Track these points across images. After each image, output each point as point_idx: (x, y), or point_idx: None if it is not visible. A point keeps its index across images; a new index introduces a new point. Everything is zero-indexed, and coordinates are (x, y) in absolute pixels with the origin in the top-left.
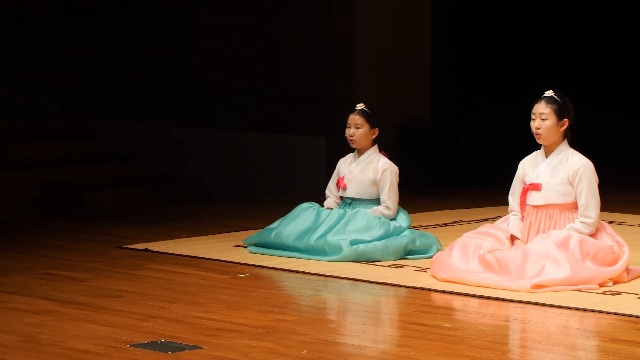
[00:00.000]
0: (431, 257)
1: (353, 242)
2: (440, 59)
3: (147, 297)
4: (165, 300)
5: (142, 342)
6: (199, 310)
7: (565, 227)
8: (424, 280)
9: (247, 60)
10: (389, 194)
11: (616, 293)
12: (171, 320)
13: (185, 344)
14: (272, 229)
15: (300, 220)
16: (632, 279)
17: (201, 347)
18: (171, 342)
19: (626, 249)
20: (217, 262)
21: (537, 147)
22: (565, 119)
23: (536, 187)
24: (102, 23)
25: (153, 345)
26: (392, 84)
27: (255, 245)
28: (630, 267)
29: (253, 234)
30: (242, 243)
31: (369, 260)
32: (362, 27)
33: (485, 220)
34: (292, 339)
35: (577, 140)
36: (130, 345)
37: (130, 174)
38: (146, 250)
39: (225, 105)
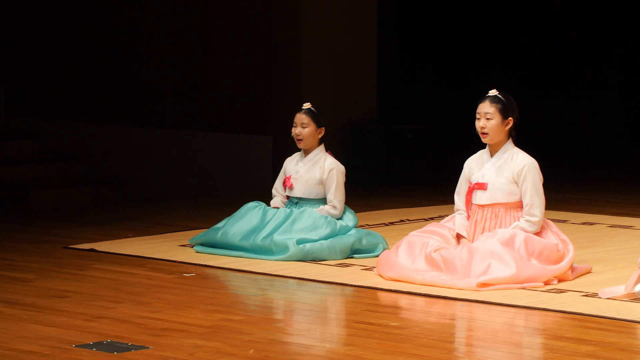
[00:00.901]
0: (377, 256)
1: (299, 242)
2: (387, 58)
3: (93, 298)
4: (111, 301)
5: (88, 342)
6: (145, 310)
7: (510, 225)
8: (370, 279)
9: (193, 59)
10: (336, 194)
11: (561, 291)
12: (117, 320)
13: (131, 344)
14: (219, 229)
15: (246, 219)
16: (577, 277)
17: (147, 347)
18: (117, 342)
19: (571, 247)
20: (164, 261)
21: (482, 146)
22: (510, 118)
23: (482, 186)
24: (45, 21)
25: (99, 346)
26: (339, 83)
27: (202, 244)
28: (575, 265)
29: (199, 234)
30: (188, 243)
31: (315, 259)
32: (308, 25)
33: (432, 219)
34: (238, 339)
35: (523, 138)
36: (76, 346)
37: (76, 174)
38: (92, 250)
39: (172, 104)
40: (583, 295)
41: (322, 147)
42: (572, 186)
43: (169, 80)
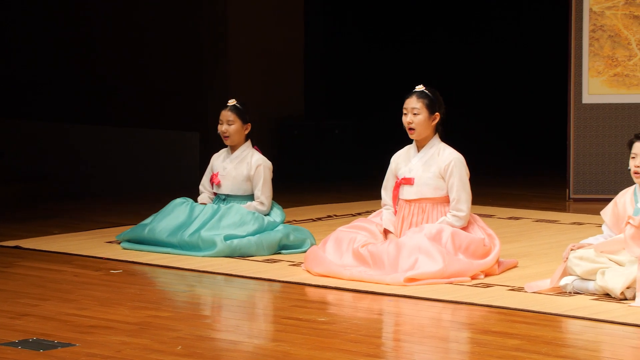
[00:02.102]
0: (305, 251)
1: (227, 237)
2: (314, 54)
3: (18, 295)
4: (37, 298)
5: (14, 340)
6: (71, 308)
7: (437, 220)
8: (298, 275)
9: (119, 55)
10: (263, 190)
11: (488, 285)
12: (43, 317)
13: (57, 342)
14: (146, 225)
15: (173, 215)
16: (503, 272)
17: (74, 345)
18: (43, 340)
19: (497, 241)
20: (90, 258)
21: (409, 141)
22: (437, 113)
23: (409, 181)
24: None
25: (24, 344)
26: (265, 79)
27: (129, 241)
28: (501, 259)
29: (126, 230)
30: (115, 239)
31: (243, 255)
32: (235, 22)
33: (359, 214)
34: (166, 335)
35: (449, 134)
36: (1, 344)
37: (1, 171)
38: (17, 247)
39: (99, 100)
40: (509, 290)
41: (248, 143)
42: (498, 181)
43: (96, 76)
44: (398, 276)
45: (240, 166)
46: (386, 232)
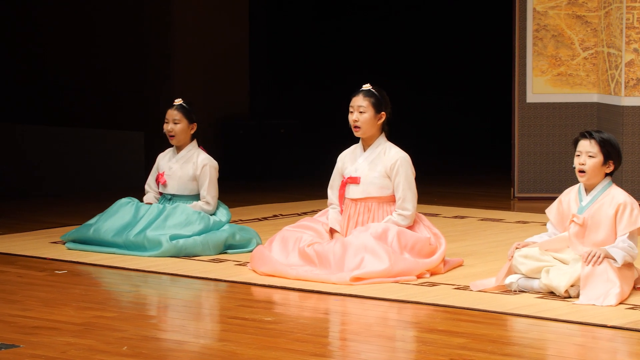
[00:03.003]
0: (251, 251)
1: (172, 237)
2: (259, 54)
3: None
4: None
5: None
6: (15, 309)
7: (383, 219)
8: (244, 275)
9: (65, 54)
10: (209, 189)
11: (433, 284)
12: None
13: (1, 343)
14: (91, 225)
15: (119, 215)
16: (449, 270)
17: (18, 346)
18: None
19: (443, 240)
20: (35, 259)
21: (356, 140)
22: (383, 112)
23: (355, 180)
24: None
25: None
26: (211, 78)
27: (74, 241)
28: (447, 258)
29: (71, 230)
30: (60, 239)
31: (188, 255)
32: (180, 21)
33: (305, 213)
34: (111, 336)
35: (395, 132)
36: None
37: None
38: None
39: (45, 100)
40: (455, 288)
41: (194, 143)
42: (444, 180)
43: (43, 76)
44: (344, 275)
45: (186, 166)
46: (332, 232)
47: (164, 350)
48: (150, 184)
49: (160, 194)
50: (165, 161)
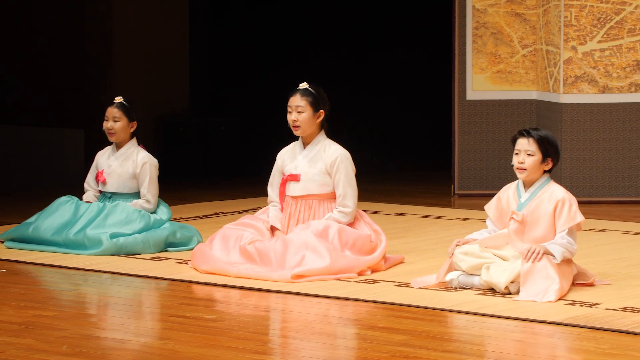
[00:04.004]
0: (192, 249)
1: (113, 236)
2: (199, 51)
3: None
4: None
5: None
6: None
7: (324, 217)
8: (185, 273)
9: (5, 52)
10: (149, 188)
11: (374, 281)
12: None
13: None
14: (30, 224)
15: (58, 214)
16: (390, 267)
17: None
18: None
19: (384, 237)
20: None
21: (295, 137)
22: (321, 110)
23: (295, 177)
24: None
25: None
26: (151, 76)
27: (13, 240)
28: (388, 255)
29: (10, 229)
30: None
31: (129, 253)
32: (120, 18)
33: (246, 211)
34: (51, 335)
35: (335, 130)
36: None
37: None
38: None
39: None
40: (396, 285)
41: (134, 140)
42: (384, 177)
43: None
44: (285, 273)
45: (126, 164)
46: (273, 229)
47: (105, 349)
48: (89, 182)
49: (100, 192)
50: (104, 159)
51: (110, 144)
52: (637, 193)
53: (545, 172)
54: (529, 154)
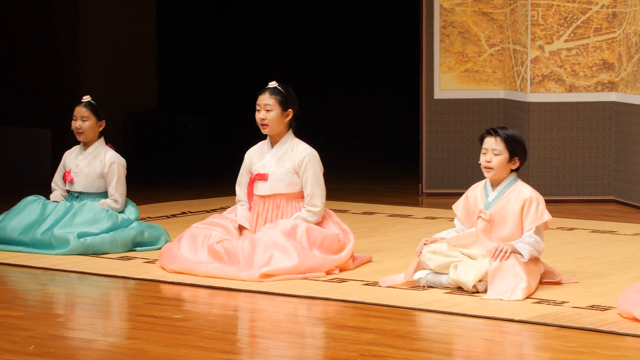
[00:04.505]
0: (160, 248)
1: (80, 235)
2: (166, 50)
3: None
4: None
5: None
6: None
7: (292, 216)
8: (153, 272)
9: None
10: (117, 187)
11: (342, 280)
12: None
13: None
14: None
15: (25, 213)
16: (358, 266)
17: None
18: None
19: (352, 236)
20: None
21: (263, 137)
22: (290, 110)
23: (263, 177)
24: None
25: None
26: (118, 75)
27: None
28: (356, 254)
29: None
30: None
31: (96, 252)
32: (87, 17)
33: (214, 210)
34: (18, 335)
35: (302, 129)
36: None
37: None
38: None
39: None
40: (364, 284)
41: (102, 140)
42: (352, 176)
43: None
44: (253, 272)
45: (94, 163)
46: (241, 228)
47: (72, 349)
48: (57, 182)
49: (67, 191)
50: (72, 159)
51: (78, 143)
52: (603, 191)
53: (512, 171)
54: (496, 153)
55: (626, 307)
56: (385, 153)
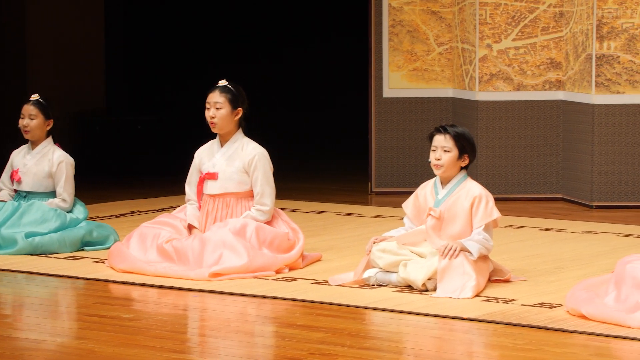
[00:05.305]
0: (109, 248)
1: (28, 235)
2: (115, 49)
3: None
4: None
5: None
6: None
7: (241, 215)
8: (101, 272)
9: None
10: (65, 187)
11: (292, 279)
12: None
13: None
14: None
15: None
16: (308, 265)
17: None
18: None
19: (301, 235)
20: None
21: (213, 136)
22: (240, 108)
23: (212, 176)
24: None
25: None
26: (66, 73)
27: None
28: (306, 253)
29: None
30: None
31: (45, 252)
32: (33, 15)
33: (163, 210)
34: None
35: (252, 128)
36: None
37: None
38: None
39: None
40: (313, 283)
41: (50, 139)
42: (302, 175)
43: None
44: (203, 271)
45: (42, 163)
46: (190, 228)
47: (20, 349)
48: (4, 181)
49: (15, 191)
50: (19, 158)
51: (25, 142)
52: (552, 190)
53: (462, 168)
54: (445, 150)
55: (574, 305)
56: (334, 152)
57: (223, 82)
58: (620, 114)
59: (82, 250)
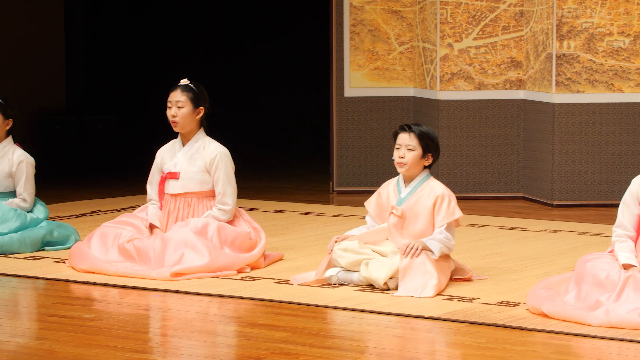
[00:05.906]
0: (69, 248)
1: None
2: (75, 49)
3: None
4: None
5: None
6: None
7: (203, 214)
8: (62, 272)
9: None
10: (25, 186)
11: (254, 279)
12: None
13: None
14: None
15: None
16: (269, 264)
17: None
18: None
19: (263, 235)
20: None
21: (175, 135)
22: (201, 107)
23: (174, 175)
24: None
25: None
26: (26, 73)
27: None
28: (267, 252)
29: None
30: None
31: (5, 252)
32: None
33: (124, 209)
34: None
35: (214, 127)
36: None
37: None
38: None
39: None
40: (275, 282)
41: (10, 139)
42: (263, 174)
43: None
44: (164, 271)
45: (1, 162)
46: (152, 227)
47: None
48: None
49: None
50: None
51: None
52: (512, 188)
53: (425, 167)
54: (409, 149)
55: (534, 303)
56: (295, 151)
57: (184, 81)
58: (580, 113)
59: (43, 250)
